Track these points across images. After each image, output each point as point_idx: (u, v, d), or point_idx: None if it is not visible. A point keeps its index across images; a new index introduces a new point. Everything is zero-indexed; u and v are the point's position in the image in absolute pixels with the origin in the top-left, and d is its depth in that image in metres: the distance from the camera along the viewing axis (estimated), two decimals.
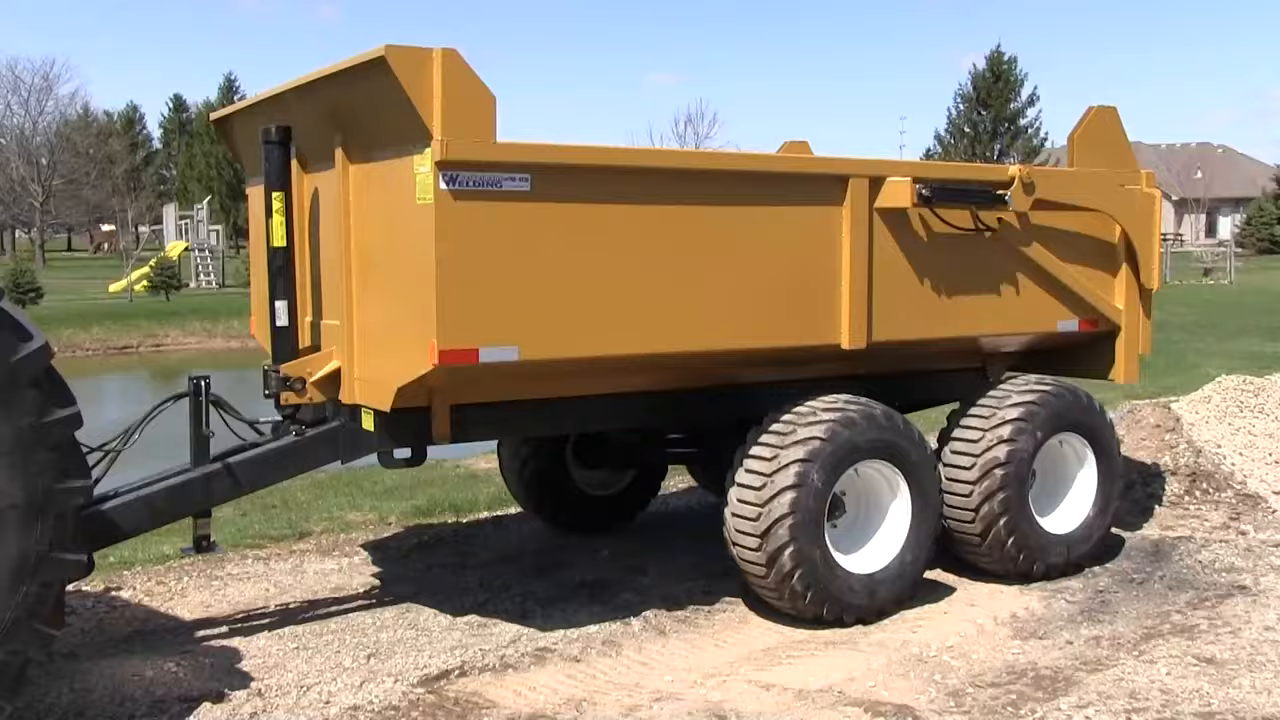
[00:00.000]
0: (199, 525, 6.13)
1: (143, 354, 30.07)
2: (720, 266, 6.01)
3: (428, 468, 10.66)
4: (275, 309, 6.11)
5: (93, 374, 26.60)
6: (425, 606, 6.76)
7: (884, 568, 6.46)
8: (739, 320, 6.09)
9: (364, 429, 6.00)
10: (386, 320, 5.73)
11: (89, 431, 5.28)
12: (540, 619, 6.55)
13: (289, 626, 6.46)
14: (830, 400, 6.45)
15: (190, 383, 6.02)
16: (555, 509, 8.31)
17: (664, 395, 6.54)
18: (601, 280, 5.67)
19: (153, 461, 6.43)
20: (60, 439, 4.85)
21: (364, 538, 8.45)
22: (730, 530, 6.30)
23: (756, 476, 6.19)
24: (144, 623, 6.58)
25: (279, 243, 6.08)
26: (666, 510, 9.32)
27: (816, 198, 6.28)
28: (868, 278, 6.43)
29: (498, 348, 5.43)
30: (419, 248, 5.33)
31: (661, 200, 5.79)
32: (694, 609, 6.71)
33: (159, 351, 30.43)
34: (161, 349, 30.62)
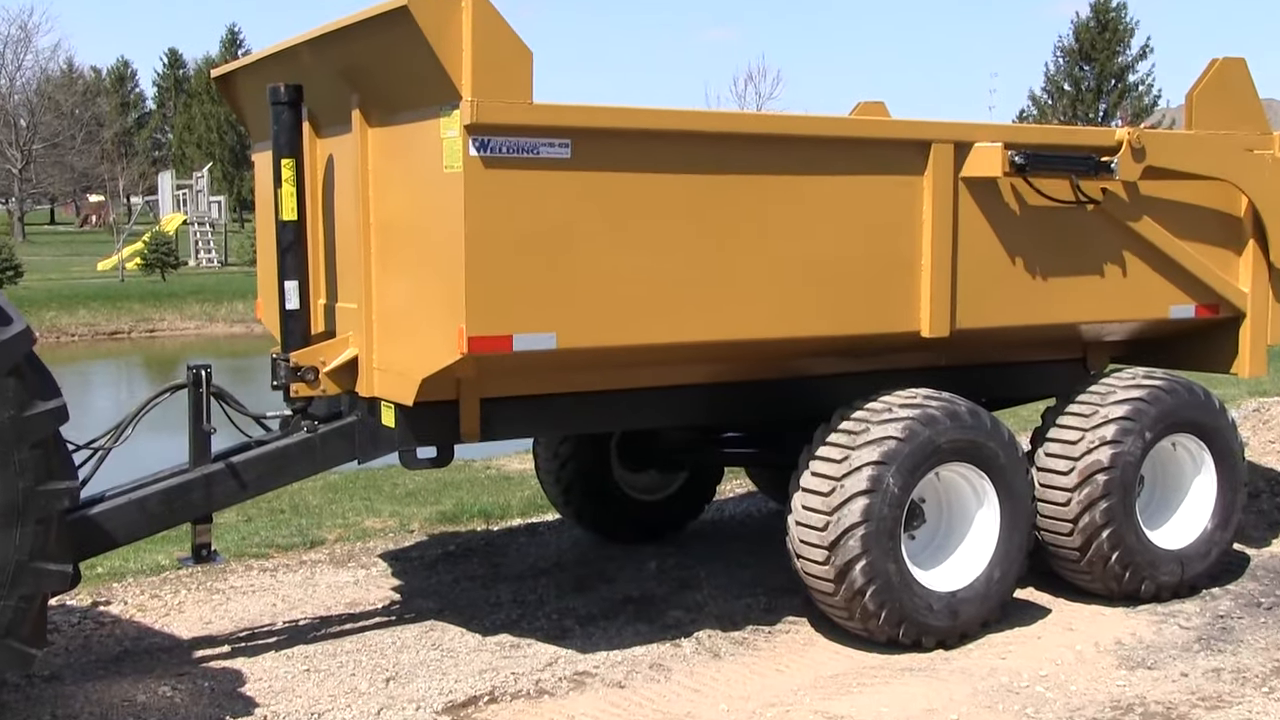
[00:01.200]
0: (198, 532, 6.20)
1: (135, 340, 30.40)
2: (785, 244, 6.00)
3: (454, 469, 10.73)
4: (285, 290, 6.17)
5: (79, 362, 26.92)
6: (451, 624, 6.82)
7: (968, 585, 6.44)
8: (805, 305, 6.09)
9: (384, 425, 6.05)
10: (409, 304, 5.77)
11: (75, 427, 5.35)
12: (579, 639, 6.58)
13: (298, 646, 6.53)
14: (908, 395, 6.43)
15: (189, 372, 6.08)
16: (597, 515, 8.34)
17: (720, 389, 6.55)
18: (650, 259, 5.68)
19: (147, 461, 6.51)
20: (43, 435, 4.90)
21: (383, 547, 8.52)
22: (794, 541, 6.30)
23: (824, 480, 6.18)
24: (136, 641, 6.67)
25: (289, 216, 6.13)
26: (722, 518, 9.33)
27: (894, 166, 6.25)
28: (951, 257, 6.40)
29: (534, 334, 5.45)
30: (446, 222, 5.36)
31: (718, 169, 5.79)
32: (752, 629, 6.72)
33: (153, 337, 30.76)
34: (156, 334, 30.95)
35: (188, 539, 6.36)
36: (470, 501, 9.79)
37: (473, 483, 10.74)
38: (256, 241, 7.95)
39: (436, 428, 5.99)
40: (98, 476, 5.93)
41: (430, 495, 10.18)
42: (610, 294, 5.60)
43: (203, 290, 35.33)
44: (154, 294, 34.19)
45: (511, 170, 5.32)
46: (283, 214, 6.14)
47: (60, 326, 29.79)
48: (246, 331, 30.69)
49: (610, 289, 5.60)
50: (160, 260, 40.75)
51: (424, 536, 8.81)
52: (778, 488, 8.69)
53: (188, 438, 6.11)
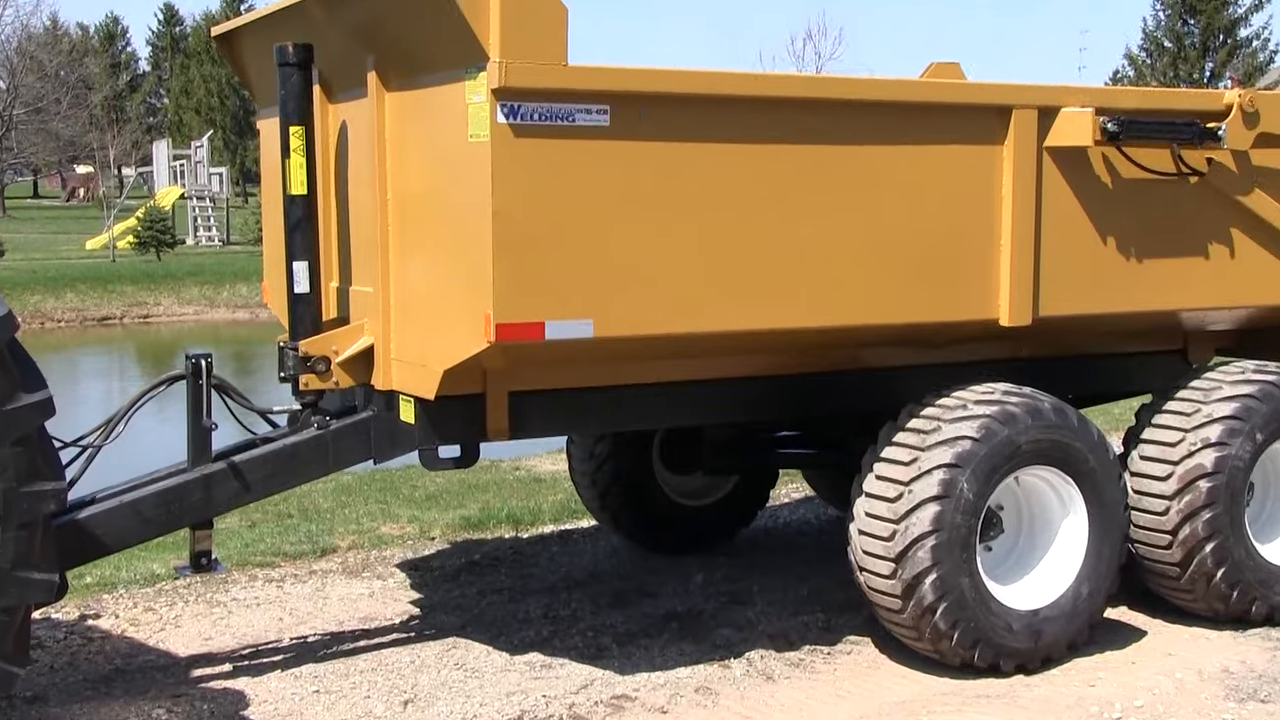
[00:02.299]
0: (198, 539, 6.24)
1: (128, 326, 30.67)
2: (848, 222, 5.99)
3: (480, 470, 10.76)
4: (293, 272, 6.21)
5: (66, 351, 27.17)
6: (476, 642, 6.85)
7: (1052, 602, 6.42)
8: (871, 289, 6.08)
9: (402, 421, 6.08)
10: (431, 287, 5.80)
11: (62, 423, 5.40)
12: (618, 659, 6.60)
13: (307, 665, 6.58)
14: (985, 390, 6.41)
15: (187, 362, 6.11)
16: (637, 522, 8.36)
17: (774, 382, 6.55)
18: (697, 239, 5.68)
19: (141, 460, 6.56)
20: (27, 431, 4.94)
21: (401, 556, 8.57)
22: (857, 552, 6.30)
23: (891, 485, 6.18)
24: (128, 659, 6.74)
25: (298, 189, 6.17)
26: (776, 525, 9.33)
27: (970, 134, 6.23)
28: (1034, 236, 6.37)
29: (568, 321, 5.47)
30: (471, 196, 5.38)
31: (773, 138, 5.78)
32: (810, 649, 6.72)
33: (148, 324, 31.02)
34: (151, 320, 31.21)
35: (185, 546, 6.41)
36: (497, 506, 9.82)
37: (500, 485, 10.77)
38: (262, 218, 8.00)
39: (460, 424, 6.01)
40: (87, 477, 5.97)
41: (453, 499, 10.22)
42: (654, 277, 5.61)
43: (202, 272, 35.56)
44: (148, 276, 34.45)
45: (544, 139, 5.33)
46: (291, 187, 6.18)
47: (45, 311, 30.08)
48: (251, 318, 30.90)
49: (654, 272, 5.61)
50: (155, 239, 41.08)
51: (446, 544, 8.85)
52: (838, 492, 8.66)
53: (186, 434, 6.15)
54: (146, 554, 8.42)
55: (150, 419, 6.25)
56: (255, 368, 23.02)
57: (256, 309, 30.21)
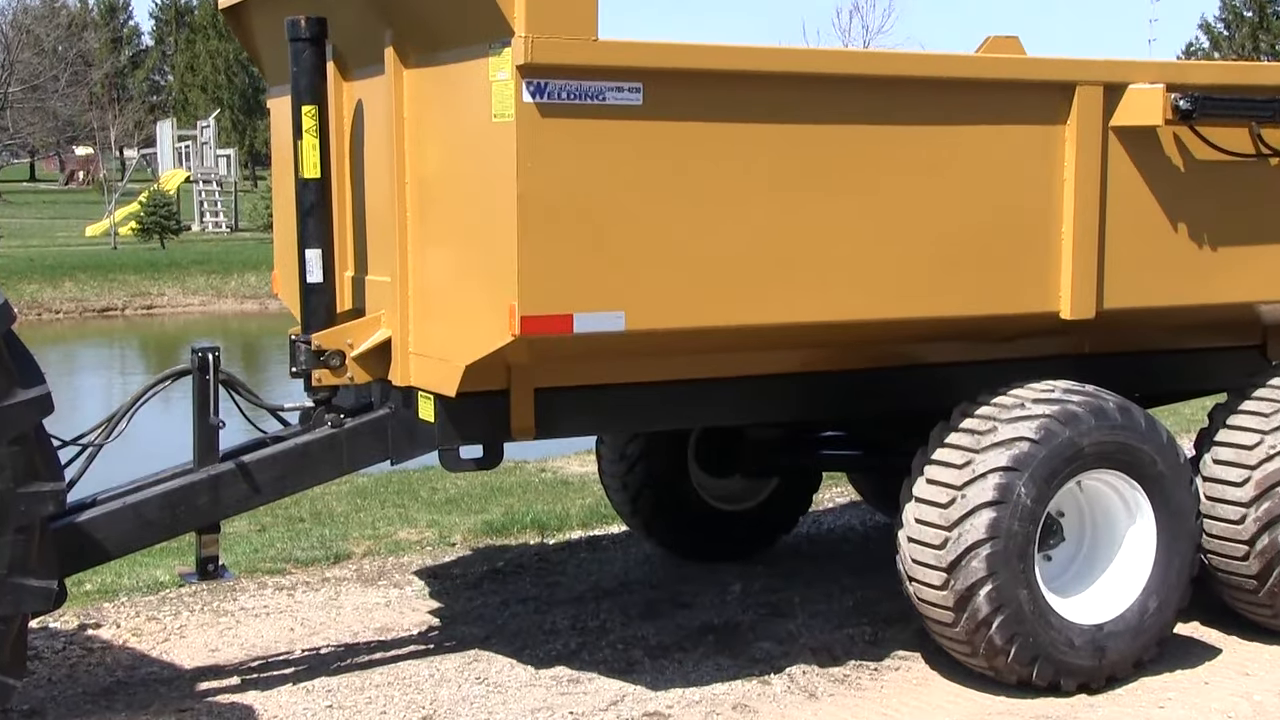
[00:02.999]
0: (204, 544, 6.26)
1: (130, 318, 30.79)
2: (897, 208, 5.98)
3: (504, 471, 10.78)
4: (306, 260, 6.23)
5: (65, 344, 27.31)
6: (499, 654, 6.87)
7: (1118, 616, 6.40)
8: (922, 280, 6.06)
9: (421, 419, 6.09)
10: (452, 277, 5.81)
11: (61, 420, 5.42)
12: (650, 674, 6.61)
13: (320, 678, 6.60)
14: (1044, 388, 6.39)
15: (193, 356, 6.13)
16: (671, 528, 8.37)
17: (818, 379, 6.54)
18: (738, 226, 5.68)
19: (144, 460, 6.59)
20: (24, 429, 4.98)
21: (419, 563, 8.60)
22: (906, 561, 6.29)
23: (943, 490, 6.17)
24: (130, 671, 6.77)
25: (311, 173, 6.19)
26: (819, 532, 9.32)
27: (1030, 113, 6.21)
28: (1099, 223, 6.35)
29: (599, 314, 5.48)
30: (495, 180, 5.39)
31: (818, 119, 5.77)
32: (855, 665, 6.72)
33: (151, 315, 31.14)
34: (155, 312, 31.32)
35: (191, 551, 6.43)
36: (522, 510, 9.83)
37: (525, 488, 10.78)
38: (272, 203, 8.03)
39: (483, 423, 6.03)
40: (87, 478, 6.01)
41: (475, 502, 10.24)
42: (690, 267, 5.61)
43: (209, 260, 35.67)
44: (152, 264, 34.58)
45: (572, 120, 5.33)
46: (303, 170, 6.20)
47: (43, 302, 30.20)
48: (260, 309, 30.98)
49: (690, 261, 5.61)
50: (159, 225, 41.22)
51: (467, 551, 8.87)
52: (886, 497, 8.64)
53: (192, 433, 6.18)
54: (150, 560, 8.46)
55: (154, 416, 6.27)
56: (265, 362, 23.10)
57: (266, 300, 30.29)
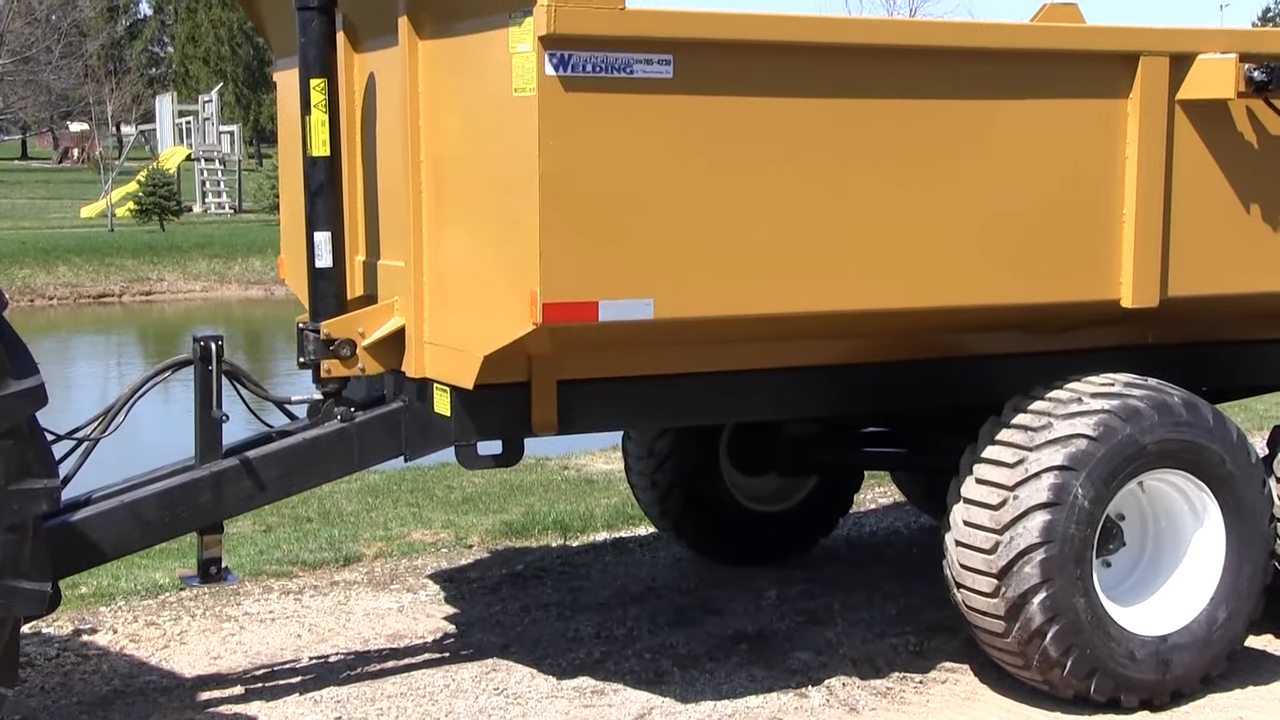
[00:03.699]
0: (206, 545, 6.28)
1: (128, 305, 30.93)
2: (946, 188, 5.95)
3: (524, 469, 10.79)
4: (315, 243, 6.23)
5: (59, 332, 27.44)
6: (518, 664, 6.88)
7: (1183, 628, 6.37)
8: (972, 266, 6.04)
9: (436, 413, 6.10)
10: (470, 262, 5.81)
11: (55, 413, 5.44)
12: (679, 684, 6.61)
13: (328, 688, 6.62)
14: (1103, 382, 6.37)
15: (195, 346, 6.15)
16: (702, 530, 8.36)
17: (860, 372, 6.53)
18: (774, 208, 5.66)
19: (143, 455, 6.62)
20: (16, 422, 4.98)
21: (434, 565, 8.61)
22: (953, 566, 6.28)
23: (993, 490, 6.15)
24: (127, 679, 6.80)
25: (319, 150, 6.19)
26: (860, 535, 9.31)
27: (1090, 86, 6.18)
28: (1164, 204, 6.32)
29: (626, 301, 5.47)
30: (515, 159, 5.38)
31: (860, 93, 5.75)
32: (899, 677, 6.71)
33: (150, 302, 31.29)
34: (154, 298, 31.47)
35: (192, 553, 6.45)
36: (543, 510, 9.85)
37: (546, 486, 10.79)
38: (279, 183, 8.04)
39: (502, 417, 6.03)
40: (83, 474, 6.02)
41: (494, 501, 10.26)
42: (723, 251, 5.60)
43: (211, 243, 35.81)
44: (151, 248, 34.71)
45: (598, 94, 5.32)
46: (312, 148, 6.20)
47: (35, 287, 30.36)
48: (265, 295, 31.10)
49: (723, 245, 5.60)
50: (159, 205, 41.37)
51: (485, 553, 8.88)
52: (933, 498, 8.62)
53: (193, 427, 6.19)
54: (148, 561, 8.50)
55: (153, 410, 6.28)
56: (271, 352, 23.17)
57: (272, 285, 30.41)
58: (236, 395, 6.26)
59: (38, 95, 73.30)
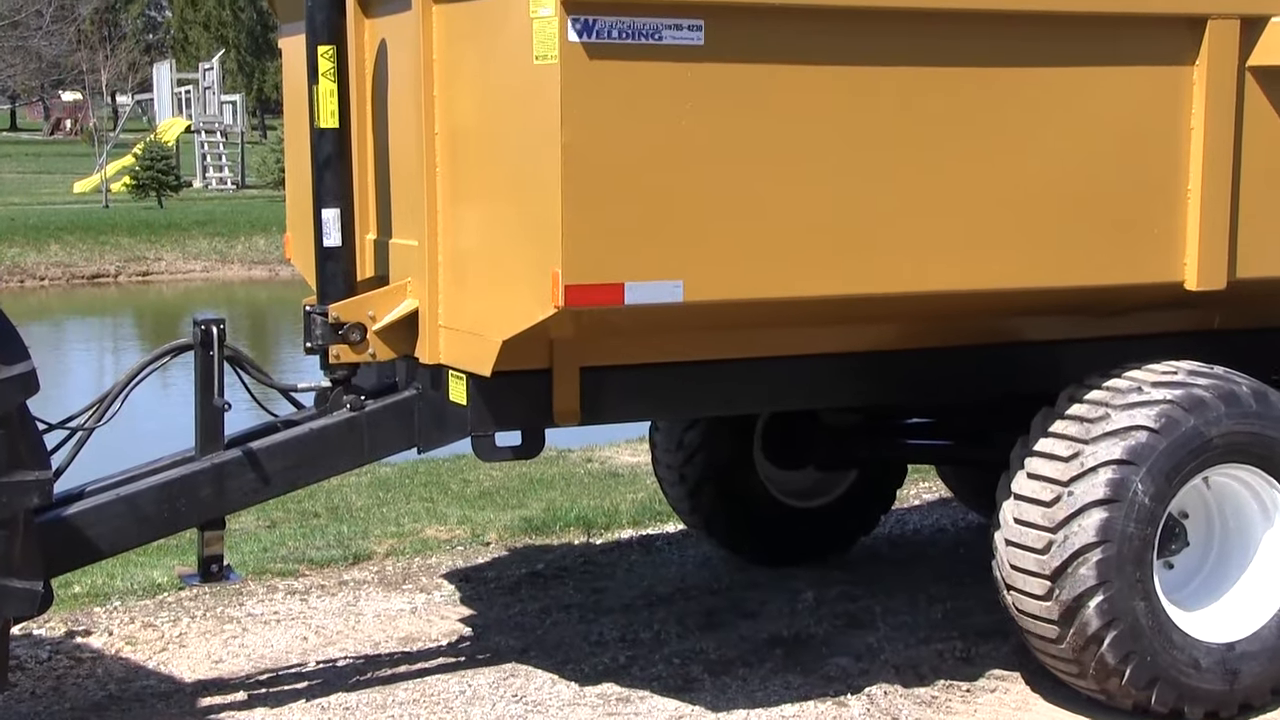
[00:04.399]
0: (207, 541, 6.29)
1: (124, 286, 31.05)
2: (997, 162, 5.93)
3: (545, 461, 10.81)
4: (323, 221, 6.23)
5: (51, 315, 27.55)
6: (538, 669, 6.88)
7: (1252, 635, 6.34)
8: (1024, 245, 6.02)
9: (452, 401, 6.10)
10: (488, 240, 5.81)
11: (47, 401, 5.45)
12: (710, 692, 6.61)
13: (337, 694, 6.64)
14: (1165, 370, 6.35)
15: (195, 329, 6.16)
16: (735, 527, 8.36)
17: (904, 358, 6.52)
18: (812, 183, 5.64)
19: (140, 446, 6.63)
20: (5, 409, 5.01)
21: (449, 564, 8.63)
22: (1003, 566, 6.26)
23: (1047, 486, 6.13)
24: (123, 684, 6.82)
25: (328, 122, 6.19)
26: (903, 533, 9.31)
27: (1152, 52, 6.14)
28: (1232, 179, 6.28)
29: (653, 283, 5.46)
30: (536, 130, 5.38)
31: (904, 60, 5.73)
32: (945, 685, 6.71)
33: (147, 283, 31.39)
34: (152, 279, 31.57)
35: (192, 550, 6.47)
36: (565, 505, 9.86)
37: (569, 480, 10.80)
38: (284, 156, 8.04)
39: (522, 406, 6.02)
40: (76, 466, 6.04)
41: (512, 496, 10.27)
42: (758, 230, 5.58)
43: (212, 220, 35.93)
44: (148, 225, 34.83)
45: (624, 62, 5.31)
46: (320, 119, 6.20)
47: (25, 267, 30.49)
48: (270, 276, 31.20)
49: (758, 223, 5.58)
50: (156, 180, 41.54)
51: (503, 551, 8.90)
52: (981, 494, 8.62)
53: (193, 416, 6.20)
54: (146, 559, 8.52)
55: (151, 397, 6.30)
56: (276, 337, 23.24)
57: (277, 266, 30.51)
58: (239, 382, 6.27)
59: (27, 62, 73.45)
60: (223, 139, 51.69)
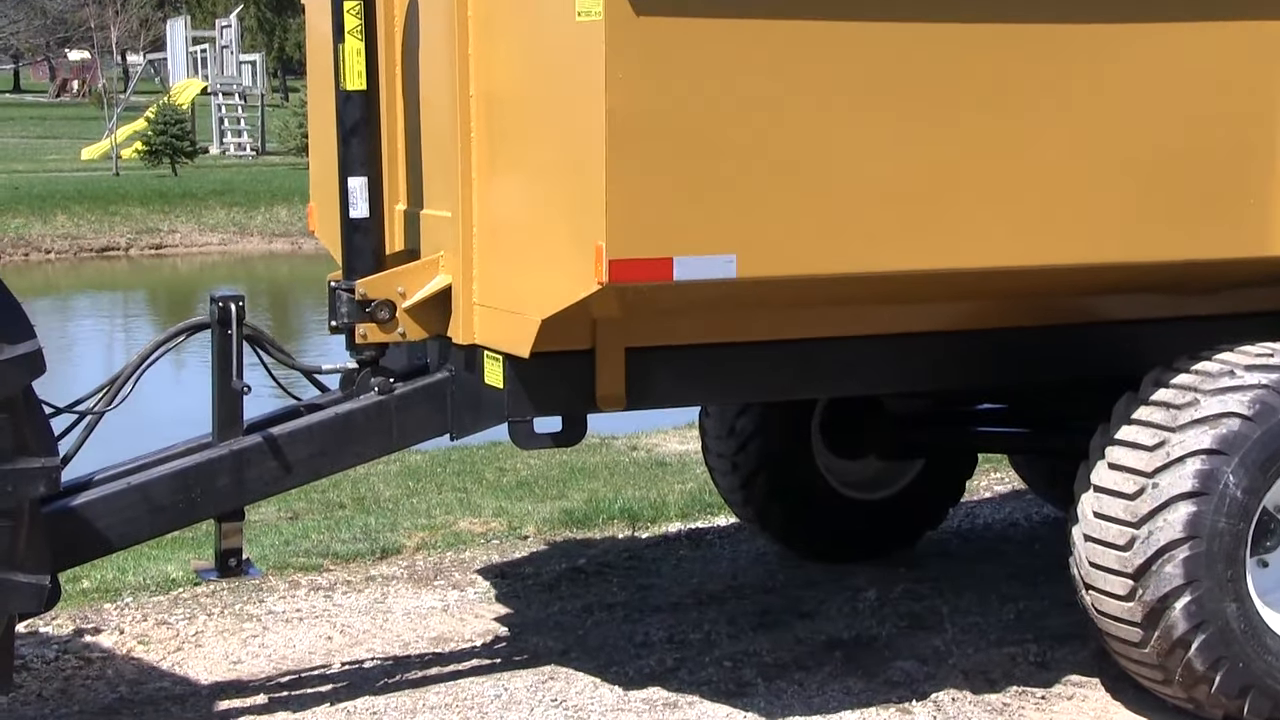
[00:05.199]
0: (225, 534, 6.31)
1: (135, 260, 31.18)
2: (1077, 125, 5.90)
3: (587, 449, 10.82)
4: (349, 190, 6.25)
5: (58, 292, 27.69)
6: (579, 671, 6.90)
7: None
8: (1106, 217, 5.99)
9: (488, 385, 6.11)
10: (526, 211, 5.81)
11: (54, 384, 5.47)
12: (764, 697, 6.62)
13: (363, 698, 6.65)
14: (1260, 352, 6.31)
15: (212, 306, 6.18)
16: (791, 520, 8.35)
17: (974, 339, 6.52)
18: (877, 149, 5.63)
19: (153, 432, 6.66)
20: (10, 392, 5.03)
21: (484, 559, 8.65)
22: (1082, 564, 6.25)
23: (1129, 477, 6.10)
24: (135, 686, 6.85)
25: (354, 84, 6.20)
26: (973, 527, 9.29)
27: (1246, 6, 6.11)
28: None
29: (704, 258, 5.45)
30: (579, 92, 5.37)
31: (980, 17, 5.71)
32: (1018, 692, 6.69)
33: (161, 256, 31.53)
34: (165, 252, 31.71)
35: (209, 543, 6.50)
36: (609, 497, 9.86)
37: (613, 470, 10.81)
38: (307, 121, 8.06)
39: (562, 390, 6.04)
40: (85, 452, 6.07)
41: (552, 486, 10.28)
42: (818, 200, 5.57)
43: (230, 189, 36.05)
44: (161, 194, 34.98)
45: (675, 18, 5.30)
46: (346, 81, 6.21)
47: (30, 239, 30.65)
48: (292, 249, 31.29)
49: (819, 193, 5.57)
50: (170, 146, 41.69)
51: (542, 545, 8.92)
52: (1057, 485, 8.60)
53: (210, 399, 6.23)
54: (159, 552, 8.56)
55: (165, 379, 6.32)
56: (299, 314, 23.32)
57: (300, 238, 30.59)
58: (259, 363, 6.30)
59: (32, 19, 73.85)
60: (241, 102, 51.83)
